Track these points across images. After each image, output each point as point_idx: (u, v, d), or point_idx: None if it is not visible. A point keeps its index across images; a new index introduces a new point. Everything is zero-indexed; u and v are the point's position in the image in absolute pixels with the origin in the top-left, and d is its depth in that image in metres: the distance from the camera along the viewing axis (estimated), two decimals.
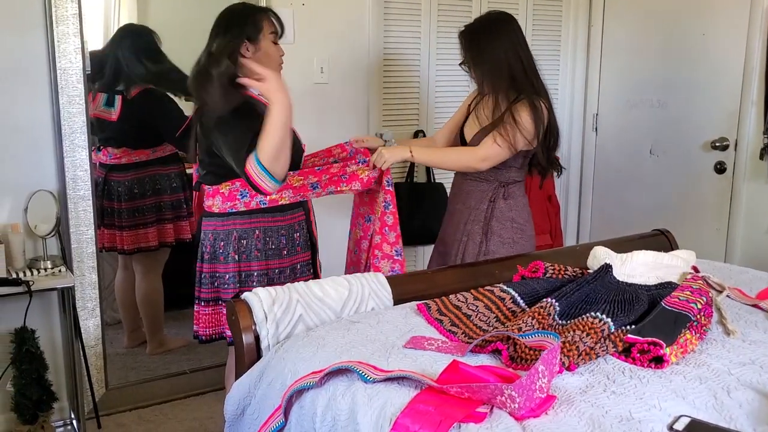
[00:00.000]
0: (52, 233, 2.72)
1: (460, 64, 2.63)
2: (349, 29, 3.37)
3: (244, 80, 2.15)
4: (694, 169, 3.66)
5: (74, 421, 2.86)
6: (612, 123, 4.12)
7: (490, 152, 2.49)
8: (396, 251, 2.51)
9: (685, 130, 3.70)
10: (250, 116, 2.16)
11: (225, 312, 2.28)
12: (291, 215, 2.36)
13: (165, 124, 3.11)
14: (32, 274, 2.60)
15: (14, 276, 2.56)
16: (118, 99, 3.11)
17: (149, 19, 3.24)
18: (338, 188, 2.41)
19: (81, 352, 2.77)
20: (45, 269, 2.65)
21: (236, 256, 2.28)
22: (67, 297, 2.71)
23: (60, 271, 2.67)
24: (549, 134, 2.55)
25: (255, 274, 2.29)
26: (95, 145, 3.04)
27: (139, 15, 3.23)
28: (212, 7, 2.38)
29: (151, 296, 3.33)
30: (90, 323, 2.89)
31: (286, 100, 2.08)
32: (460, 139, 2.69)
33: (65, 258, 2.79)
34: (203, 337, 2.35)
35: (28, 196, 2.70)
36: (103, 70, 3.09)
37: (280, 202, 2.30)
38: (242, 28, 2.26)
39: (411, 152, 2.49)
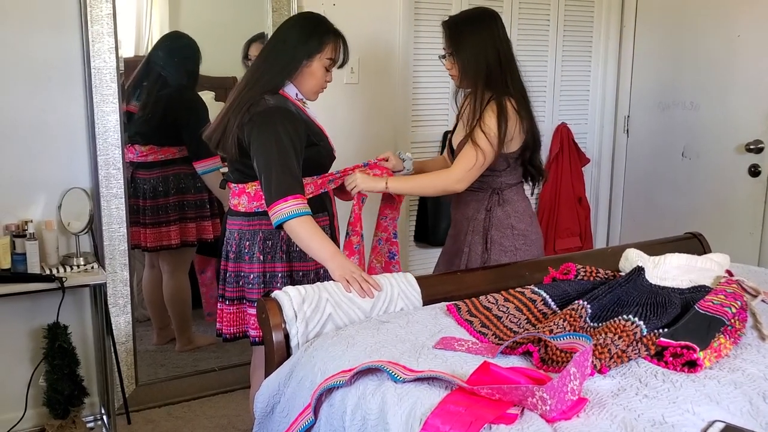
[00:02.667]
0: (85, 230, 2.75)
1: (439, 57, 2.58)
2: (380, 30, 3.38)
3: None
4: (727, 171, 3.61)
5: (104, 417, 2.90)
6: (643, 125, 4.08)
7: (462, 172, 2.40)
8: (394, 234, 2.56)
9: (718, 132, 3.65)
10: (289, 140, 2.16)
11: (249, 311, 2.30)
12: (315, 219, 2.34)
13: (188, 126, 3.13)
14: (65, 271, 2.64)
15: (48, 272, 2.60)
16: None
17: (181, 22, 3.26)
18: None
19: (112, 348, 2.80)
20: (78, 266, 2.69)
21: (261, 257, 2.28)
22: (99, 294, 2.75)
23: (92, 267, 2.71)
24: (527, 136, 2.47)
25: (279, 275, 2.29)
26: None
27: (171, 18, 3.25)
28: (243, 11, 2.38)
29: (178, 294, 3.35)
30: (121, 320, 2.92)
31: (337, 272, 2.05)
32: (449, 150, 2.62)
33: (97, 255, 2.82)
34: (227, 336, 2.36)
35: (62, 194, 2.74)
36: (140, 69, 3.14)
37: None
38: (307, 40, 2.26)
39: (387, 185, 2.41)
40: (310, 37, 2.26)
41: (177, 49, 3.20)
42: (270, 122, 2.16)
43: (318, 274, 2.32)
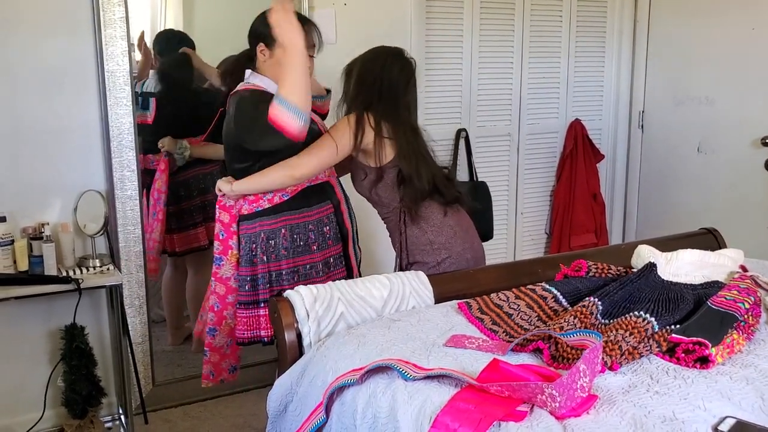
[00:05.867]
0: (101, 232, 2.78)
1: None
2: (391, 29, 3.37)
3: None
4: (743, 166, 3.58)
5: (122, 417, 2.92)
6: (658, 120, 4.05)
7: (302, 157, 2.29)
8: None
9: (734, 126, 3.62)
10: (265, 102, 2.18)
11: (262, 314, 2.31)
12: (318, 209, 2.37)
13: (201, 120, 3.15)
14: (81, 273, 2.67)
15: (64, 274, 2.63)
16: (152, 101, 3.15)
17: (194, 23, 3.27)
18: None
19: (128, 349, 2.83)
20: (94, 267, 2.71)
21: (265, 257, 2.31)
22: (115, 295, 2.77)
23: (108, 269, 2.73)
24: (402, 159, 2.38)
25: (284, 273, 2.31)
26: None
27: (184, 19, 3.26)
28: (256, 12, 2.39)
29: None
30: (137, 320, 2.95)
31: (297, 42, 2.10)
32: None
33: (113, 256, 2.85)
34: (243, 341, 2.38)
35: (78, 196, 2.77)
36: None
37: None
38: (260, 30, 2.29)
39: (232, 188, 2.33)
40: (261, 26, 2.29)
41: (171, 43, 3.20)
42: (248, 99, 2.22)
43: (327, 264, 2.33)
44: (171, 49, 3.18)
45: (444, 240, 2.41)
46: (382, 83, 2.39)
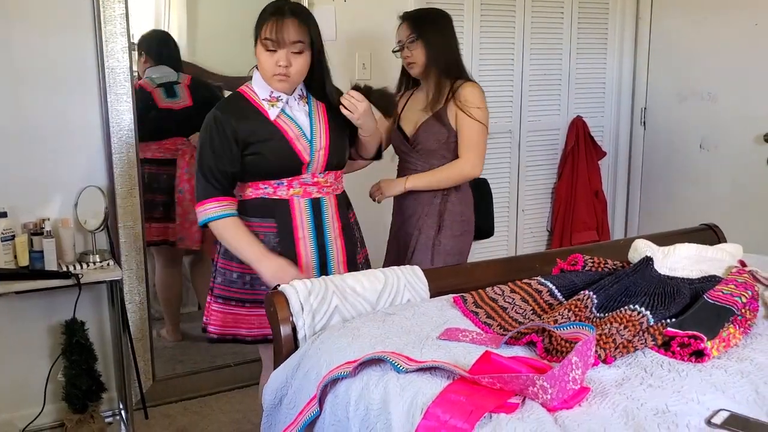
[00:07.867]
0: (101, 228, 2.79)
1: (394, 51, 2.70)
2: (391, 25, 3.35)
3: None
4: (746, 163, 3.57)
5: (122, 412, 2.93)
6: (661, 117, 4.04)
7: (475, 150, 2.58)
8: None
9: (737, 123, 3.61)
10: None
11: (237, 312, 2.24)
12: (261, 223, 2.24)
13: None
14: (82, 268, 2.68)
15: (65, 269, 2.64)
16: (178, 88, 3.16)
17: (198, 20, 3.29)
18: None
19: (129, 344, 2.84)
20: (94, 263, 2.72)
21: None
22: (115, 290, 2.78)
23: (108, 264, 2.74)
24: None
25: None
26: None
27: (189, 17, 3.28)
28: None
29: (173, 288, 3.38)
30: (137, 316, 2.96)
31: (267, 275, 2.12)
32: (403, 137, 2.70)
33: (113, 252, 2.86)
34: (214, 336, 2.26)
35: (78, 192, 2.78)
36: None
37: None
38: (257, 25, 2.18)
39: (405, 185, 2.61)
40: (257, 22, 2.17)
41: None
42: (206, 124, 2.18)
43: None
44: (155, 50, 3.17)
45: (469, 215, 2.67)
46: (456, 50, 2.65)
